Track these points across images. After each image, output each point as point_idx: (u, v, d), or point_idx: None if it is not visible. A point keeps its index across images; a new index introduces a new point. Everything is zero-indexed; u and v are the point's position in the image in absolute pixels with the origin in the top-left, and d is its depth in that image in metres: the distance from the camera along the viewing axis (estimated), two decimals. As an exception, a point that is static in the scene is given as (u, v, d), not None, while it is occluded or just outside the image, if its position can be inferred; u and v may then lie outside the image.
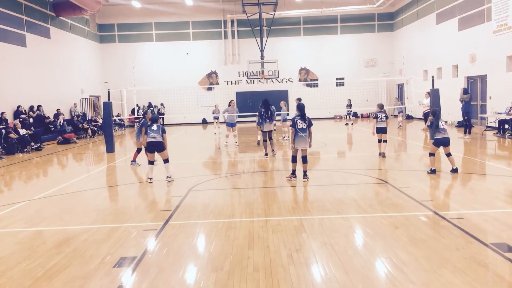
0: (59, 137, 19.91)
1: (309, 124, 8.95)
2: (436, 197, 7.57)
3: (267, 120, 12.72)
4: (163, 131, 9.40)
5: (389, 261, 4.57)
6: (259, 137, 15.70)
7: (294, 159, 9.12)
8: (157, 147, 9.29)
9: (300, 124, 8.89)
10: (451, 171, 9.20)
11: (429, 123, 9.50)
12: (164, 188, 9.00)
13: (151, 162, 9.45)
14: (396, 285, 4.00)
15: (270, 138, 12.96)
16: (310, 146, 9.06)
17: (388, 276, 4.22)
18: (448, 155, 9.28)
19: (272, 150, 12.98)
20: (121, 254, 5.06)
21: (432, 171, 9.25)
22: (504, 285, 3.98)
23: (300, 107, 9.04)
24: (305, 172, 9.09)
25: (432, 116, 9.42)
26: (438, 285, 3.98)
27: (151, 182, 9.36)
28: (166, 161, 9.47)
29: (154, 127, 9.33)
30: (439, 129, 9.15)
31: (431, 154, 9.35)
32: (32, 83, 20.74)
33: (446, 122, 9.46)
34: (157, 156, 9.50)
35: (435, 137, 9.17)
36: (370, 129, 14.39)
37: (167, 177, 9.50)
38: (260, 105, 12.84)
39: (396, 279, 4.12)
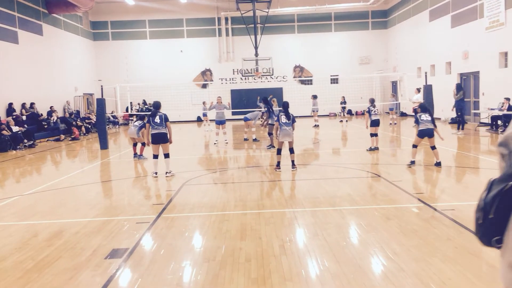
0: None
1: (293, 121, 9.59)
2: (429, 190, 7.60)
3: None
4: (166, 119, 9.33)
5: (380, 251, 4.58)
6: (245, 135, 15.77)
7: (279, 152, 9.66)
8: (161, 138, 9.27)
9: (284, 119, 9.50)
10: (435, 164, 9.23)
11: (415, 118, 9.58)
12: (157, 182, 8.97)
13: (155, 156, 9.38)
14: (387, 274, 4.01)
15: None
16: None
17: (379, 265, 4.23)
18: (433, 148, 9.30)
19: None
20: (113, 246, 5.03)
21: (412, 163, 9.34)
22: (495, 274, 3.99)
23: (284, 105, 9.70)
24: (293, 161, 9.68)
25: (420, 109, 9.54)
26: (428, 273, 3.99)
27: (156, 176, 9.32)
28: (167, 155, 9.41)
29: (157, 119, 9.28)
30: (423, 121, 9.19)
31: (414, 146, 9.43)
32: (24, 81, 20.59)
33: (430, 113, 9.47)
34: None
35: (419, 129, 9.24)
36: (364, 126, 14.44)
37: (167, 172, 9.43)
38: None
39: (387, 268, 4.14)
